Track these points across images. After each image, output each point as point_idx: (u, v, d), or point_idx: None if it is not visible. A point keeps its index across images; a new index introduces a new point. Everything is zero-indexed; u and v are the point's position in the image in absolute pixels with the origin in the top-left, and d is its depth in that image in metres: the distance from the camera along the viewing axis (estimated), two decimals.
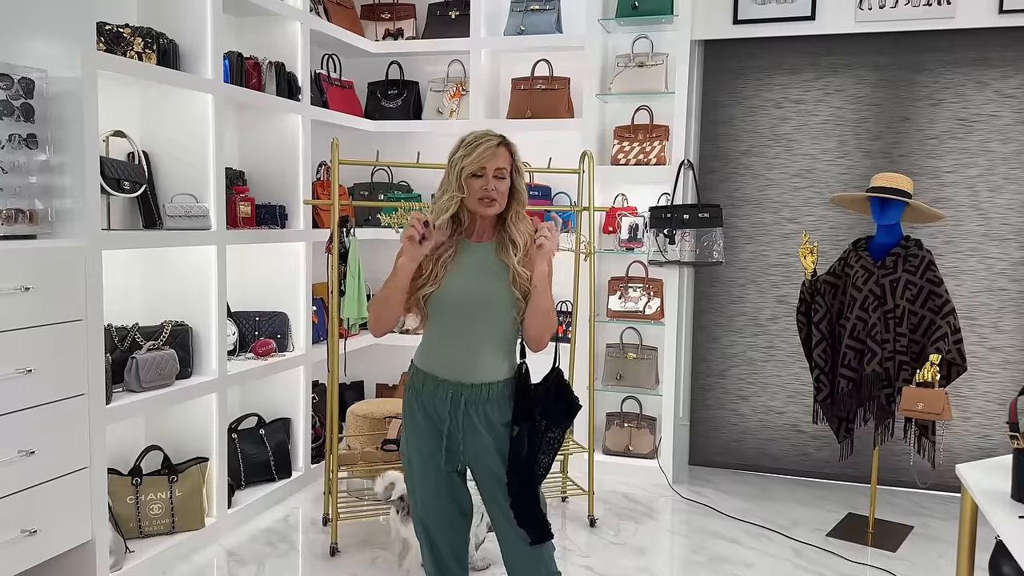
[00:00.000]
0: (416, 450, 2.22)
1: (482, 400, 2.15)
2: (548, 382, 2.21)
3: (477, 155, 2.10)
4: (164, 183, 3.45)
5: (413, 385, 2.23)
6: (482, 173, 2.11)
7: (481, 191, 2.11)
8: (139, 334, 3.28)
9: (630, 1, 4.32)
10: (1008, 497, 2.17)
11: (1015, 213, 4.10)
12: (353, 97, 4.77)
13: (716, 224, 4.19)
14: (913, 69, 4.20)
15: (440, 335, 2.20)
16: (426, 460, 2.20)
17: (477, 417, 2.16)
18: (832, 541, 3.64)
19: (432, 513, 2.24)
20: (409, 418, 2.24)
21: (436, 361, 2.19)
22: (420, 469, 2.22)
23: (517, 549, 2.20)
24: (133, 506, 3.25)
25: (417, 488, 2.24)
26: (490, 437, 2.17)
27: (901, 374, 3.49)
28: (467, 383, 2.15)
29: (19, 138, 2.65)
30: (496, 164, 2.12)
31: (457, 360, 2.16)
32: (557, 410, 2.18)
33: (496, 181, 2.12)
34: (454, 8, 4.73)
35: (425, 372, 2.20)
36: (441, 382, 2.17)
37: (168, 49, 3.25)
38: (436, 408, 2.18)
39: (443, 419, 2.17)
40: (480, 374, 2.16)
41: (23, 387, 2.56)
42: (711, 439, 4.63)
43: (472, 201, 2.13)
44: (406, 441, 2.25)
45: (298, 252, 4.07)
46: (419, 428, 2.20)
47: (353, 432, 4.10)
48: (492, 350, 2.18)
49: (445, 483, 2.22)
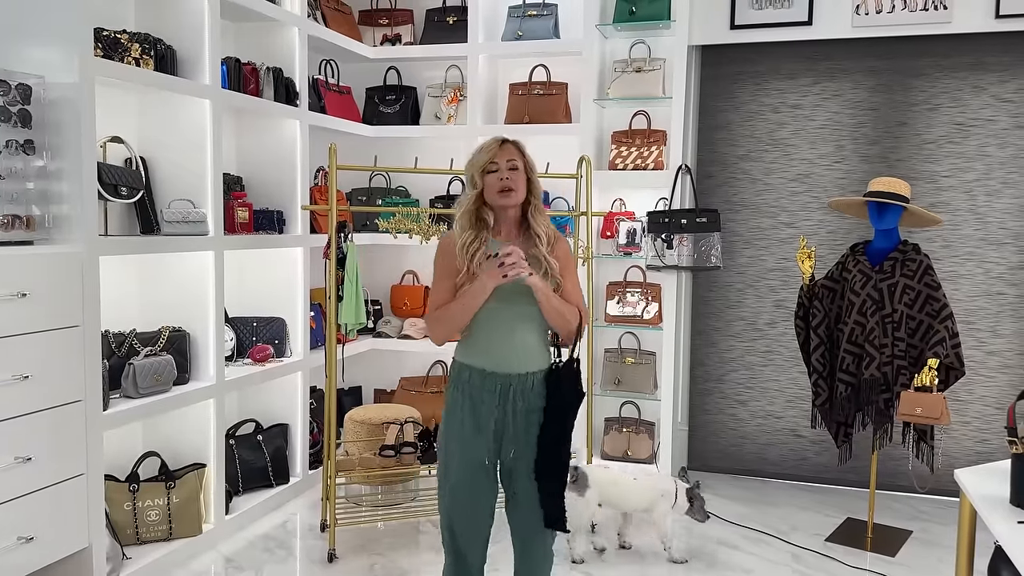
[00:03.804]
0: (460, 443, 2.31)
1: (527, 388, 2.29)
2: (558, 372, 2.34)
3: (486, 152, 2.29)
4: (162, 189, 3.45)
5: (460, 380, 2.32)
6: (495, 167, 2.28)
7: (498, 183, 2.27)
8: (136, 340, 3.27)
9: (627, 6, 4.33)
10: (1007, 502, 2.17)
11: (1012, 217, 4.10)
12: (351, 102, 4.77)
13: (714, 229, 4.19)
14: (910, 74, 4.21)
15: (485, 330, 2.30)
16: (469, 453, 2.30)
17: (523, 404, 2.29)
18: (831, 546, 3.64)
19: (462, 508, 2.33)
20: (454, 413, 2.33)
21: (482, 355, 2.30)
22: (461, 462, 2.31)
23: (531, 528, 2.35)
24: (130, 513, 3.24)
25: (453, 479, 2.32)
26: (535, 422, 2.30)
27: (899, 378, 3.49)
28: (514, 373, 2.28)
29: (16, 144, 2.64)
30: (506, 156, 2.29)
31: (503, 352, 2.28)
32: (565, 398, 2.33)
33: (510, 172, 2.27)
34: (452, 13, 4.74)
35: (472, 367, 2.31)
36: (489, 374, 2.28)
37: (166, 55, 3.25)
38: (484, 400, 2.28)
39: (491, 411, 2.28)
40: (525, 364, 2.30)
41: (20, 393, 2.55)
42: (710, 444, 4.62)
43: (492, 195, 2.28)
44: (448, 435, 2.34)
45: (296, 257, 4.07)
46: (465, 422, 2.30)
47: (351, 438, 4.10)
48: (533, 340, 2.32)
49: (484, 477, 2.33)
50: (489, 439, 2.30)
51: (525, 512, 2.35)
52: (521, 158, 2.31)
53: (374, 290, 4.91)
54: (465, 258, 2.27)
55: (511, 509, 2.39)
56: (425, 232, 3.70)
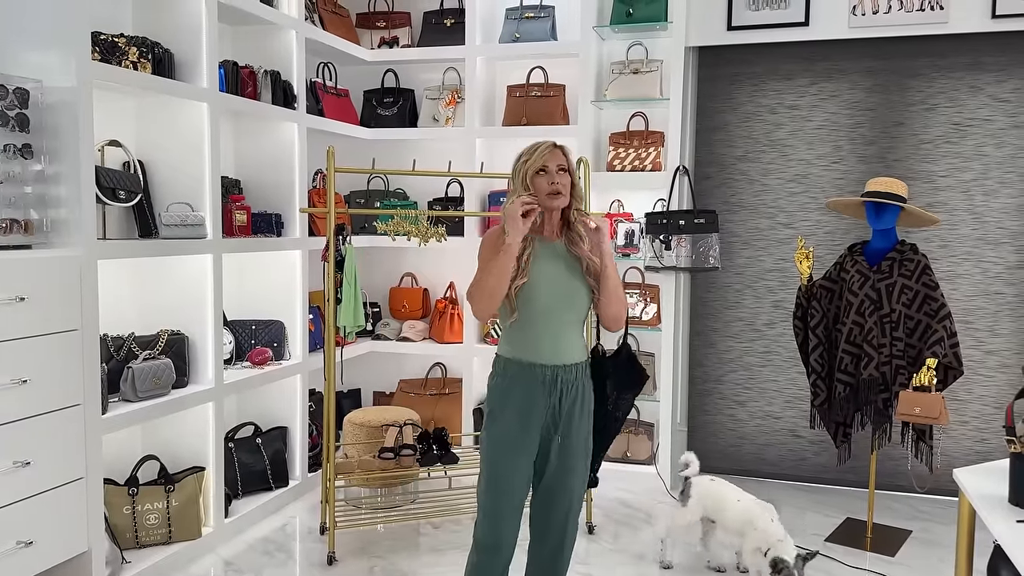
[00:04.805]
0: (507, 434, 2.38)
1: (572, 378, 2.40)
2: (620, 355, 2.61)
3: (538, 155, 2.37)
4: (160, 192, 3.45)
5: (507, 373, 2.41)
6: (545, 170, 2.36)
7: (548, 186, 2.36)
8: (135, 343, 3.27)
9: (624, 8, 4.33)
10: (1006, 501, 2.17)
11: (1010, 217, 4.11)
12: (349, 105, 4.77)
13: (712, 230, 4.19)
14: (907, 74, 4.22)
15: (532, 323, 2.38)
16: (516, 443, 2.38)
17: (568, 393, 2.39)
18: (831, 546, 3.64)
19: (505, 498, 2.40)
20: (503, 407, 2.40)
21: (530, 348, 2.39)
22: (508, 452, 2.39)
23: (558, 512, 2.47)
24: (129, 516, 3.24)
25: (500, 471, 2.40)
26: (577, 410, 2.42)
27: (898, 378, 3.49)
28: (560, 364, 2.38)
29: (14, 148, 2.64)
30: (556, 160, 2.38)
31: (551, 344, 2.38)
32: (629, 378, 2.60)
33: (559, 175, 2.37)
34: (449, 16, 4.74)
35: (519, 360, 2.39)
36: (537, 367, 2.37)
37: (163, 58, 3.26)
38: (532, 391, 2.37)
39: (539, 400, 2.37)
40: (570, 355, 2.40)
41: (18, 397, 2.55)
42: (709, 445, 4.62)
43: (541, 197, 2.36)
44: (497, 429, 2.41)
45: (294, 260, 4.07)
46: (513, 414, 2.38)
47: (350, 440, 4.09)
48: (576, 332, 2.44)
49: (525, 469, 2.41)
50: (535, 429, 2.38)
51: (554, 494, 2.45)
52: (568, 163, 2.40)
53: (373, 292, 4.91)
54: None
55: (545, 491, 2.46)
56: (423, 234, 3.69)
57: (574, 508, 2.49)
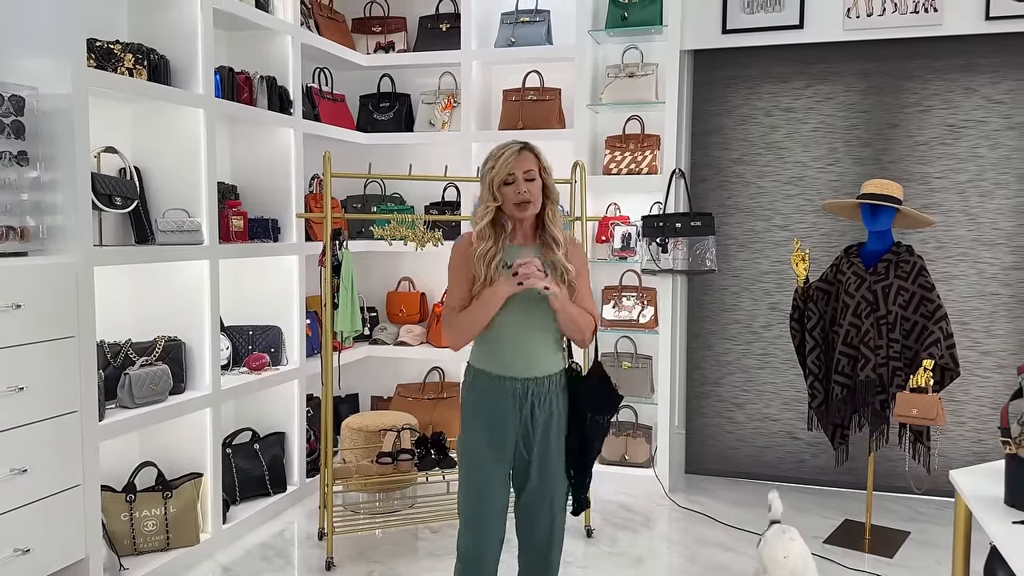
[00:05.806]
0: (480, 446, 2.34)
1: (543, 391, 2.33)
2: (591, 377, 2.44)
3: (503, 162, 2.27)
4: (156, 198, 3.45)
5: (476, 385, 2.36)
6: (512, 179, 2.27)
7: (515, 195, 2.27)
8: (132, 350, 3.27)
9: (620, 12, 4.34)
10: (1002, 502, 2.18)
11: (1005, 218, 4.12)
12: (345, 110, 4.78)
13: (708, 232, 4.20)
14: (902, 76, 4.23)
15: (501, 334, 2.32)
16: (489, 455, 2.33)
17: (541, 407, 2.32)
18: (829, 548, 3.64)
19: (485, 508, 2.35)
20: (472, 418, 2.36)
21: (499, 360, 2.33)
22: (483, 464, 2.33)
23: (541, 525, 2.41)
24: (127, 523, 3.23)
25: (477, 483, 2.35)
26: (554, 424, 2.35)
27: (895, 380, 3.50)
28: (531, 377, 2.31)
29: (10, 155, 2.64)
30: (523, 167, 2.28)
31: (520, 356, 2.31)
32: (602, 400, 2.42)
33: (527, 183, 2.28)
34: (445, 21, 4.75)
35: (488, 372, 2.33)
36: (507, 379, 2.31)
37: (159, 65, 3.26)
38: (502, 404, 2.31)
39: (508, 414, 2.31)
40: (541, 367, 2.33)
41: (15, 405, 2.55)
42: (707, 447, 4.62)
43: (509, 207, 2.29)
44: (469, 440, 2.37)
45: (291, 266, 4.07)
46: (483, 426, 2.33)
47: (348, 445, 4.09)
48: (549, 344, 2.35)
49: (503, 479, 2.37)
50: (510, 441, 2.33)
51: (540, 510, 2.40)
52: (537, 164, 2.31)
53: (370, 297, 4.91)
54: (483, 265, 2.30)
55: (525, 507, 2.42)
56: (420, 239, 3.70)
57: (557, 522, 2.43)
